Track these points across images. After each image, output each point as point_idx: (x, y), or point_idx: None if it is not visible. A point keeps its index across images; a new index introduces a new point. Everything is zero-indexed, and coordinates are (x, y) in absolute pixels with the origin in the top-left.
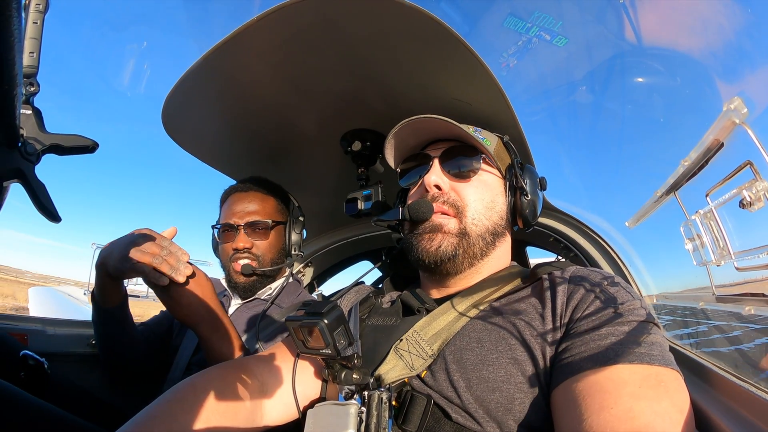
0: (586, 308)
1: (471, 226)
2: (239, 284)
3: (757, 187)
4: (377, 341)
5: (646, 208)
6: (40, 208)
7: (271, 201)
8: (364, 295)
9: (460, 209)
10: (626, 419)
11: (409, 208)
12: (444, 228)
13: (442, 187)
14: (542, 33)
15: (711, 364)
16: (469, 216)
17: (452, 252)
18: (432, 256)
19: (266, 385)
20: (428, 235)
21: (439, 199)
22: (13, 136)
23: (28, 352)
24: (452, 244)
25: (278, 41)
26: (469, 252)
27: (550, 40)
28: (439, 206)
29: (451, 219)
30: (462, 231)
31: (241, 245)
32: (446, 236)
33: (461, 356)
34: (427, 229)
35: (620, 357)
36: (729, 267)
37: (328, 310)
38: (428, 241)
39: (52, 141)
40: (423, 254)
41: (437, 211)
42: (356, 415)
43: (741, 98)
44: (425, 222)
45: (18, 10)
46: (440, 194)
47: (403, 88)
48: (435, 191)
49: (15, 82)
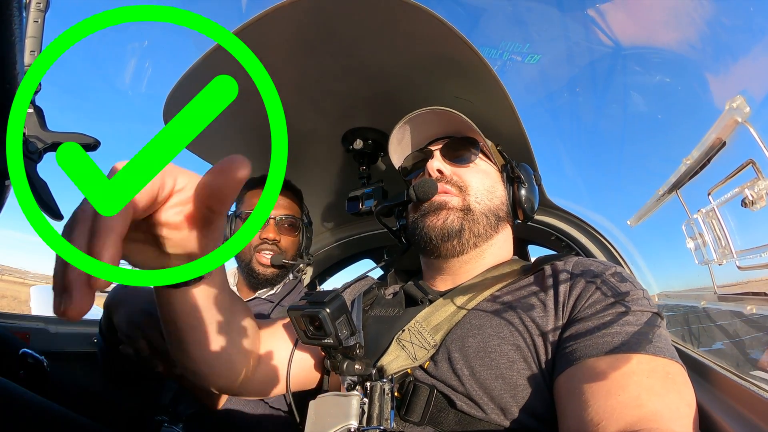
0: (589, 297)
1: (474, 203)
2: (260, 275)
3: (759, 186)
4: (379, 332)
5: (648, 207)
6: (43, 206)
7: (296, 201)
8: (368, 286)
9: (463, 188)
10: (634, 406)
11: (414, 188)
12: (449, 204)
13: (444, 172)
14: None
15: (712, 363)
16: (472, 194)
17: (458, 226)
18: (438, 231)
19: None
20: (434, 212)
21: (442, 180)
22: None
23: (28, 351)
24: (458, 218)
25: (278, 40)
26: (474, 230)
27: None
28: (442, 186)
29: (455, 197)
30: (466, 207)
31: (272, 236)
32: (451, 211)
33: (463, 344)
34: (432, 207)
35: (627, 347)
36: (731, 266)
37: (330, 299)
38: (434, 217)
39: (53, 139)
40: (429, 230)
41: (441, 190)
42: (359, 406)
43: (743, 97)
44: (430, 201)
45: (19, 9)
46: (443, 177)
47: (404, 87)
48: (437, 175)
49: (16, 81)
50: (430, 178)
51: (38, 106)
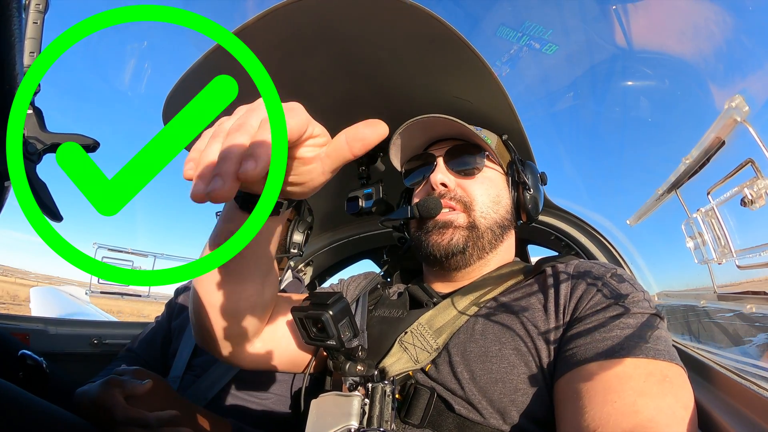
0: (589, 300)
1: (480, 219)
2: None
3: (759, 185)
4: (383, 333)
5: (648, 206)
6: (42, 207)
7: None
8: (374, 284)
9: (468, 204)
10: (630, 413)
11: (417, 206)
12: (454, 223)
13: (448, 185)
14: (532, 42)
15: (713, 363)
16: (478, 210)
17: (463, 245)
18: (443, 250)
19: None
20: (439, 230)
21: (446, 196)
22: None
23: (27, 352)
24: (463, 236)
25: (277, 41)
26: (479, 244)
27: (540, 48)
28: (447, 202)
29: (460, 214)
30: (471, 224)
31: None
32: (456, 230)
33: (465, 348)
34: (437, 225)
35: (625, 350)
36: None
37: (334, 301)
38: (439, 236)
39: (53, 140)
40: (434, 248)
41: (446, 207)
42: (360, 407)
43: (742, 96)
44: (434, 219)
45: (18, 10)
46: (447, 191)
47: (403, 87)
48: (441, 189)
49: (16, 82)
50: (433, 192)
51: (37, 108)
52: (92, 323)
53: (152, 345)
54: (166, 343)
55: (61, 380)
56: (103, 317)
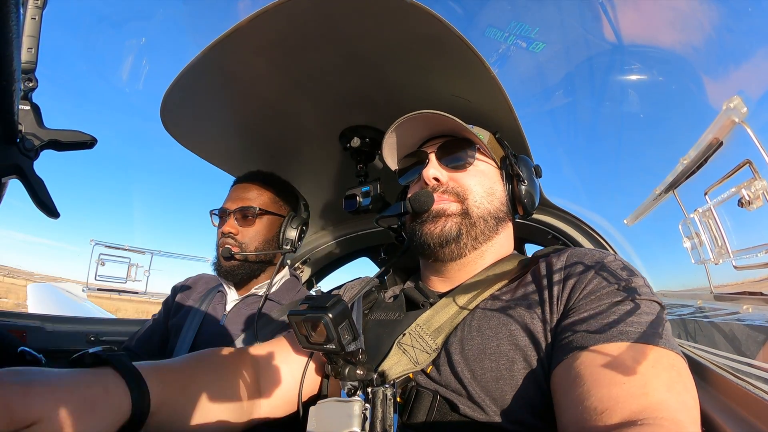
0: (584, 287)
1: (473, 208)
2: (222, 267)
3: (756, 186)
4: (380, 336)
5: (645, 206)
6: (39, 204)
7: (269, 192)
8: (367, 288)
9: (461, 195)
10: (639, 395)
11: (410, 200)
12: (447, 211)
13: (440, 179)
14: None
15: (710, 363)
16: (471, 200)
17: (456, 231)
18: (437, 238)
19: (265, 379)
20: (432, 220)
21: (438, 189)
22: (12, 132)
23: (26, 349)
24: (456, 223)
25: (277, 37)
26: (472, 233)
27: (527, 47)
28: (439, 195)
29: (453, 203)
30: (464, 212)
31: (227, 230)
32: (450, 218)
33: (463, 347)
34: (431, 216)
35: (628, 335)
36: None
37: (333, 304)
38: (432, 224)
39: (50, 136)
40: (427, 237)
41: (438, 200)
42: (361, 413)
43: (740, 97)
44: (427, 211)
45: (16, 6)
46: (439, 185)
47: (402, 85)
48: (434, 183)
49: (13, 78)
50: (426, 186)
51: (35, 104)
52: (89, 320)
53: (149, 343)
54: (164, 341)
55: None
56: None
